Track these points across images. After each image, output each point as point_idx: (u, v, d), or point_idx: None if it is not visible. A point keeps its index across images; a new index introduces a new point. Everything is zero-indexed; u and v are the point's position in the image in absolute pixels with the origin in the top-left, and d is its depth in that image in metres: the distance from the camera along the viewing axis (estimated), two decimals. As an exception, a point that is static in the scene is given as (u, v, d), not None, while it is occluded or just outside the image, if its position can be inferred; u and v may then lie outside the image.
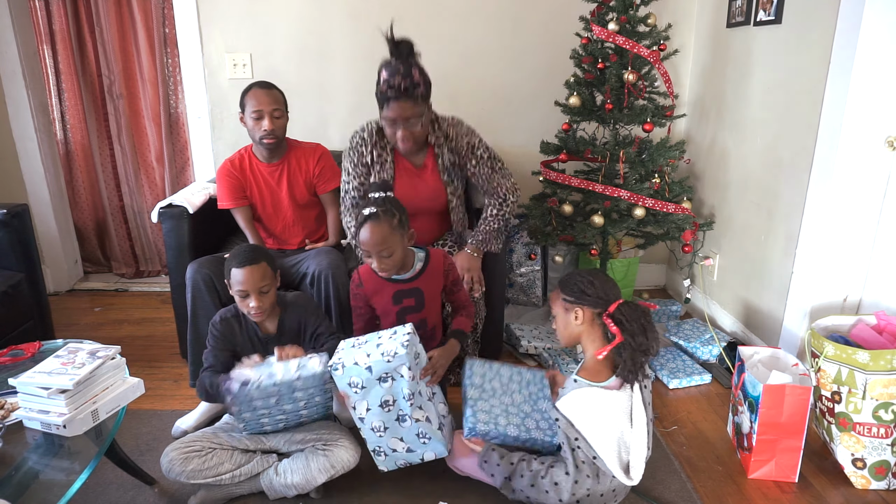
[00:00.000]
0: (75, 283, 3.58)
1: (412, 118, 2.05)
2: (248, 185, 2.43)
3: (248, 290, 1.76)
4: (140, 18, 3.34)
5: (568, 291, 1.67)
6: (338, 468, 1.75)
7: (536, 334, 2.70)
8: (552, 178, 2.69)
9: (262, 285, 1.78)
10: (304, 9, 3.01)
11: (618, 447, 1.59)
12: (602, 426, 1.58)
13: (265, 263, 1.80)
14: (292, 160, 2.44)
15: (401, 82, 1.97)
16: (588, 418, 1.58)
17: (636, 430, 1.61)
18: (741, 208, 2.70)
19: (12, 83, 3.15)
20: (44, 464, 1.54)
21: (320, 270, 2.18)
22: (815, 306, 2.23)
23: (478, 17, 3.03)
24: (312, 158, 2.45)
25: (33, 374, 1.57)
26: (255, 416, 1.73)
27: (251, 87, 2.33)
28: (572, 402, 1.60)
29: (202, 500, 1.78)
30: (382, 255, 1.77)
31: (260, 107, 2.29)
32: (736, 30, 2.69)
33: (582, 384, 1.62)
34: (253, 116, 2.30)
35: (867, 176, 2.08)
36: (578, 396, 1.60)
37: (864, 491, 1.86)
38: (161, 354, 2.71)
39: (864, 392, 1.79)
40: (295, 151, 2.45)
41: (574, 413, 1.59)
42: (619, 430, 1.60)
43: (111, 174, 3.64)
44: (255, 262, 1.77)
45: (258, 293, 1.77)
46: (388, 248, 1.76)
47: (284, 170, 2.43)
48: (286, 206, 2.46)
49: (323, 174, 2.46)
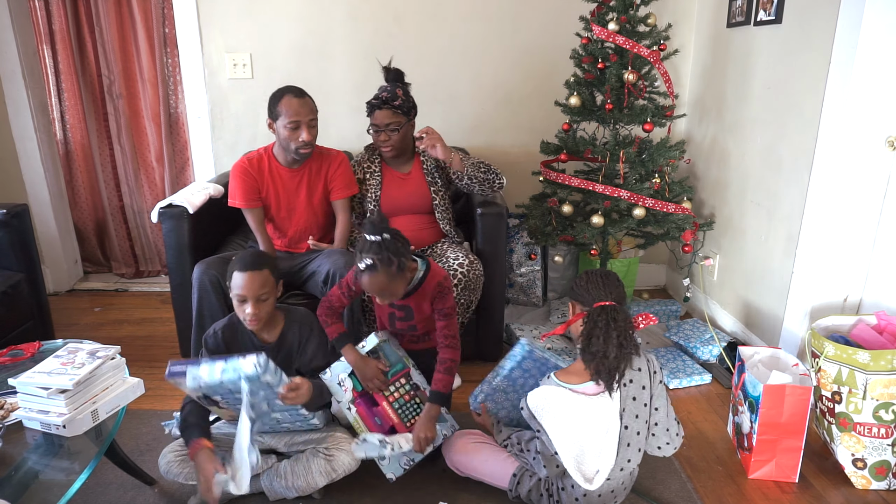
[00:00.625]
0: (75, 283, 3.58)
1: (392, 125, 2.39)
2: (265, 187, 2.37)
3: (247, 295, 1.72)
4: (140, 18, 3.34)
5: (572, 289, 1.71)
6: (339, 472, 1.75)
7: (536, 334, 2.69)
8: (552, 178, 2.69)
9: (262, 293, 1.74)
10: (304, 9, 3.01)
11: (579, 450, 1.58)
12: (564, 426, 1.58)
13: (267, 271, 1.76)
14: (313, 166, 2.39)
15: (384, 95, 2.38)
16: (551, 415, 1.59)
17: (608, 437, 1.59)
18: (741, 208, 2.70)
19: (12, 83, 3.15)
20: (44, 464, 1.54)
21: (335, 270, 2.17)
22: (816, 306, 2.23)
23: (478, 17, 3.03)
24: (333, 165, 2.40)
25: (33, 374, 1.57)
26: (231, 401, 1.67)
27: (284, 94, 2.25)
28: (539, 397, 1.62)
29: (201, 501, 1.78)
30: (384, 296, 1.81)
31: (297, 117, 2.22)
32: (736, 30, 2.69)
33: (552, 382, 1.63)
34: (289, 127, 2.22)
35: (867, 176, 2.08)
36: (546, 392, 1.62)
37: (864, 491, 1.86)
38: (161, 354, 2.71)
39: (864, 392, 1.79)
40: (317, 158, 2.40)
41: (538, 407, 1.61)
42: (583, 435, 1.58)
43: (111, 174, 3.63)
44: (258, 267, 1.73)
45: (256, 300, 1.73)
46: (389, 291, 1.80)
47: (305, 175, 2.38)
48: (301, 210, 2.41)
49: (339, 181, 2.40)
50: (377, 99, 2.38)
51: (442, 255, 2.42)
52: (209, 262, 2.22)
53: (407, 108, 2.41)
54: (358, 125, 3.15)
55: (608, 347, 1.55)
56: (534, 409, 1.61)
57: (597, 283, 1.64)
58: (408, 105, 2.42)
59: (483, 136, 3.18)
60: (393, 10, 3.02)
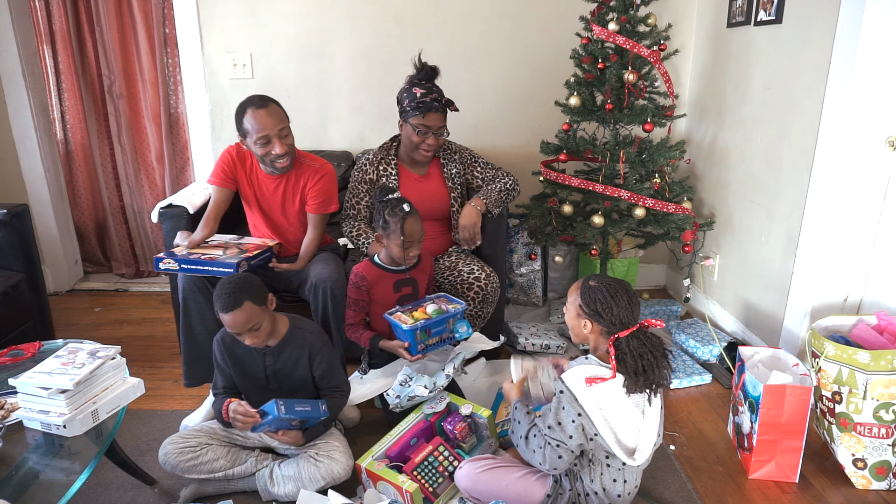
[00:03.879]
0: (75, 283, 3.58)
1: (442, 128, 2.39)
2: (242, 183, 2.30)
3: (239, 331, 1.73)
4: (140, 18, 3.34)
5: (586, 302, 1.58)
6: (328, 480, 1.75)
7: (534, 332, 2.70)
8: (552, 178, 2.69)
9: (251, 325, 1.71)
10: (304, 9, 3.01)
11: (620, 427, 1.54)
12: (605, 404, 1.53)
13: (248, 303, 1.69)
14: (293, 176, 2.28)
15: (439, 98, 2.35)
16: (591, 393, 1.52)
17: (648, 414, 1.56)
18: (741, 208, 2.70)
19: (12, 83, 3.15)
20: (44, 464, 1.54)
21: (319, 281, 2.13)
22: (816, 306, 2.23)
23: (478, 17, 3.03)
24: (313, 179, 2.27)
25: (33, 374, 1.57)
26: None
27: (246, 108, 2.12)
28: (579, 376, 1.54)
29: (193, 493, 1.79)
30: (420, 242, 2.06)
31: (265, 131, 2.09)
32: (736, 29, 2.69)
33: (592, 361, 1.57)
34: (260, 143, 2.10)
35: (867, 176, 2.08)
36: (586, 371, 1.54)
37: (864, 491, 1.85)
38: (161, 354, 2.71)
39: (864, 392, 1.79)
40: (299, 167, 2.28)
41: (578, 387, 1.53)
42: (623, 411, 1.54)
43: (111, 174, 3.63)
44: (237, 305, 1.67)
45: (249, 332, 1.73)
46: (420, 235, 2.04)
47: (282, 184, 2.28)
48: (276, 217, 2.35)
49: (314, 195, 2.26)
50: (436, 101, 2.32)
51: (453, 267, 2.38)
52: None
53: None
54: (358, 125, 3.15)
55: (645, 370, 1.51)
56: (574, 390, 1.53)
57: (622, 304, 1.53)
58: None
59: (483, 136, 3.18)
60: (393, 10, 3.02)
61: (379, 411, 2.24)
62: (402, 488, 1.66)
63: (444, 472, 1.80)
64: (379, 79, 2.50)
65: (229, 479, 1.81)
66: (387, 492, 1.71)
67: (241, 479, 1.82)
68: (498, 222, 2.46)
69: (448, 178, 2.51)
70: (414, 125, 2.34)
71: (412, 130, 2.36)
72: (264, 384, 1.87)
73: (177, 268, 2.09)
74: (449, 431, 1.91)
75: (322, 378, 1.88)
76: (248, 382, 1.88)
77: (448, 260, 2.45)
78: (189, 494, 1.79)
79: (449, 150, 2.56)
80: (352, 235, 2.47)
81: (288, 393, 1.86)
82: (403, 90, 2.37)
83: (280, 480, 1.77)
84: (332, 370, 1.90)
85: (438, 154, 2.52)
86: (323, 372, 1.88)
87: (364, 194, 2.49)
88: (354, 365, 2.34)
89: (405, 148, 2.47)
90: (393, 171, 2.47)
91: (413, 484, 1.67)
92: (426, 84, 2.36)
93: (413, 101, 2.32)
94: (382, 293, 2.09)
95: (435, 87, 2.37)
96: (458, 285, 2.32)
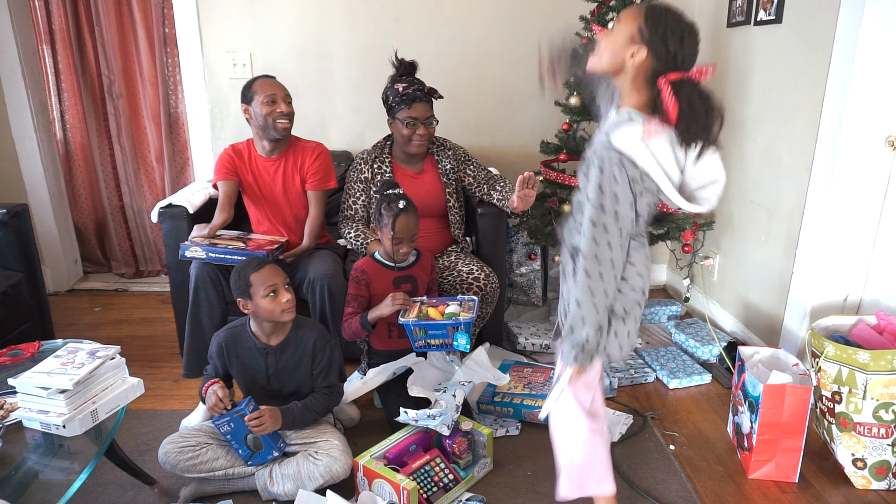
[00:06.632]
0: (75, 283, 3.58)
1: (430, 117, 2.40)
2: (244, 173, 2.41)
3: (277, 282, 1.79)
4: (140, 18, 3.33)
5: (654, 24, 1.29)
6: (327, 479, 1.75)
7: (534, 331, 2.70)
8: (552, 178, 2.69)
9: (286, 280, 1.82)
10: (304, 9, 3.01)
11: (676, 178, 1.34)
12: (661, 158, 1.31)
13: (274, 263, 1.86)
14: (290, 157, 2.41)
15: (421, 88, 2.38)
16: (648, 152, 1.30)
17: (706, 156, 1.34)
18: (741, 208, 2.70)
19: (12, 83, 3.15)
20: (43, 464, 1.54)
21: (316, 278, 2.18)
22: (816, 306, 2.23)
23: (478, 17, 3.03)
24: (311, 157, 2.41)
25: (33, 374, 1.57)
26: None
27: (256, 79, 2.34)
28: (631, 136, 1.29)
29: (193, 492, 1.79)
30: (412, 240, 2.08)
31: (273, 91, 2.30)
32: (736, 29, 2.69)
33: (637, 120, 1.32)
34: (266, 102, 2.28)
35: (867, 176, 2.08)
36: (637, 129, 1.30)
37: (864, 491, 1.85)
38: (161, 354, 2.71)
39: (864, 392, 1.79)
40: (295, 148, 2.42)
41: (635, 148, 1.29)
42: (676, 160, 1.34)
43: (111, 174, 3.63)
44: (268, 262, 1.84)
45: (284, 287, 1.81)
46: (413, 232, 2.07)
47: (281, 165, 2.40)
48: (279, 203, 2.43)
49: (315, 171, 2.40)
50: (419, 91, 2.36)
51: (452, 267, 2.38)
52: None
53: None
54: (358, 125, 3.15)
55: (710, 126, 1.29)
56: (629, 153, 1.29)
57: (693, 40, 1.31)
58: None
59: (483, 136, 3.18)
60: (393, 10, 3.02)
61: (379, 411, 2.24)
62: (399, 486, 1.66)
63: (440, 482, 1.81)
64: (379, 79, 2.50)
65: (229, 478, 1.81)
66: (382, 492, 1.71)
67: (241, 478, 1.82)
68: (498, 222, 2.46)
69: (443, 174, 2.52)
70: (402, 119, 2.38)
71: (402, 125, 2.39)
72: (265, 384, 1.87)
73: (204, 256, 2.16)
74: (448, 445, 1.89)
75: (318, 376, 1.89)
76: (249, 382, 1.88)
77: (447, 259, 2.44)
78: (189, 494, 1.79)
79: (443, 146, 2.57)
80: (350, 237, 2.47)
81: (288, 393, 1.86)
82: (387, 89, 2.42)
83: (279, 479, 1.77)
84: (329, 370, 1.90)
85: (432, 150, 2.54)
86: (321, 370, 1.89)
87: (360, 193, 2.50)
88: (354, 365, 2.35)
89: (398, 144, 2.48)
90: (388, 168, 2.49)
91: (411, 482, 1.67)
92: (407, 78, 2.40)
93: (398, 96, 2.37)
94: (382, 289, 2.11)
95: (416, 79, 2.41)
96: (457, 285, 2.32)
